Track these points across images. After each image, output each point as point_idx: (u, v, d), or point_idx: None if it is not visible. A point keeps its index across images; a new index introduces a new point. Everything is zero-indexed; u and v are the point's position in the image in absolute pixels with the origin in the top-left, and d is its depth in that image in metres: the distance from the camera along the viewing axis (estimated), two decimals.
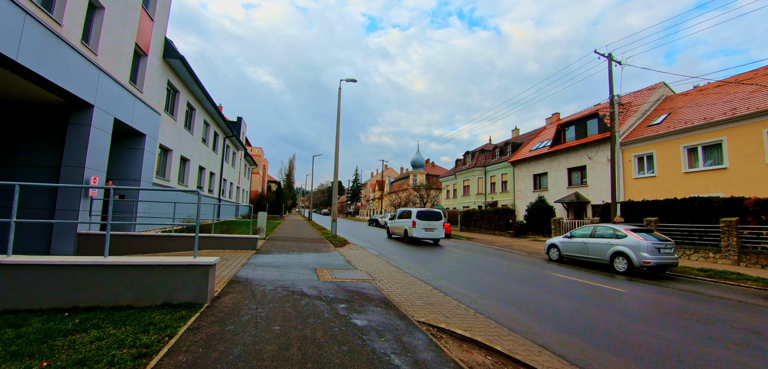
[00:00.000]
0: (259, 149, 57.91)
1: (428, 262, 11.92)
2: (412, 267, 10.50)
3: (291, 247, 12.70)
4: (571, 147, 28.80)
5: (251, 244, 10.93)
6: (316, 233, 20.89)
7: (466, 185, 43.91)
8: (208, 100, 20.57)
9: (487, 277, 9.71)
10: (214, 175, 25.98)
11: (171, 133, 16.90)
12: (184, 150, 18.78)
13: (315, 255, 10.90)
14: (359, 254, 12.31)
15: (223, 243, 10.72)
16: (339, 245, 14.46)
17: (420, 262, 11.78)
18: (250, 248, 10.88)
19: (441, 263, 11.90)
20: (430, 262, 11.96)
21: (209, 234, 10.71)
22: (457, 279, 9.08)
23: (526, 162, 34.26)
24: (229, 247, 10.74)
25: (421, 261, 12.19)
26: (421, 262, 11.76)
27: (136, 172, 13.79)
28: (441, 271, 10.11)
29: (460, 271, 10.32)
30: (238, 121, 35.78)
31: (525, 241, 23.24)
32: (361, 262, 10.38)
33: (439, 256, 13.94)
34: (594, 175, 26.88)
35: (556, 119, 39.05)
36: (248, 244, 10.91)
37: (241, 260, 8.84)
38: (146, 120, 13.99)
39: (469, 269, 10.89)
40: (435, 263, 11.82)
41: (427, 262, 11.87)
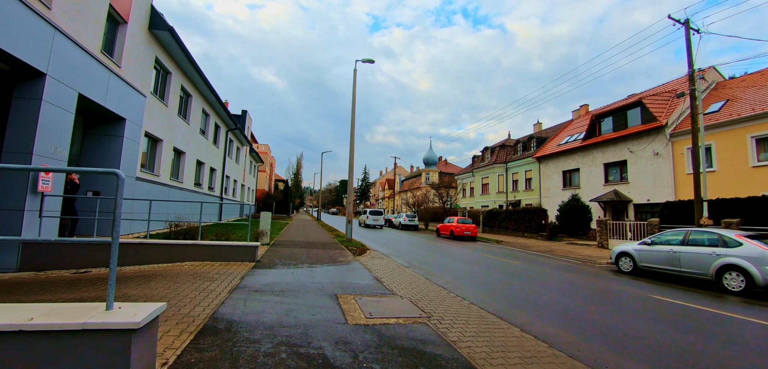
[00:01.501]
0: (265, 146, 55.75)
1: (475, 277, 9.31)
2: (461, 286, 7.89)
3: (300, 256, 10.19)
4: (609, 140, 25.91)
5: (249, 254, 8.44)
6: (328, 236, 18.39)
7: (485, 183, 41.10)
8: (206, 85, 18.19)
9: (566, 301, 7.07)
10: (216, 171, 23.67)
11: (160, 120, 14.53)
12: (177, 141, 16.41)
13: (331, 268, 8.37)
14: (386, 265, 9.75)
15: (212, 253, 8.24)
16: (358, 253, 11.92)
17: (465, 277, 9.17)
18: (247, 259, 8.39)
19: (491, 278, 9.27)
20: (478, 277, 9.34)
21: (194, 241, 8.24)
22: (531, 306, 6.48)
23: (554, 157, 31.40)
24: (219, 257, 8.26)
25: (465, 275, 9.59)
26: (467, 278, 9.15)
27: (112, 163, 11.41)
28: (501, 292, 7.50)
29: (525, 292, 7.70)
30: (242, 114, 33.48)
31: (564, 245, 20.47)
32: (394, 278, 7.82)
33: (481, 266, 11.33)
34: (636, 171, 23.99)
35: (584, 111, 36.10)
36: (245, 254, 8.42)
37: (230, 281, 6.33)
38: (126, 101, 11.61)
39: (532, 287, 8.25)
40: (484, 278, 9.21)
41: (474, 278, 9.26)
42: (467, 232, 22.47)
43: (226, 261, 8.24)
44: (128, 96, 11.75)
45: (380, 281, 7.24)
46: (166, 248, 8.05)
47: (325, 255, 10.68)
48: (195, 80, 17.53)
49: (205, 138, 20.74)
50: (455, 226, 22.67)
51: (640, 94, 27.10)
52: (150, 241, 8.00)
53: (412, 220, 33.25)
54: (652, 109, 23.81)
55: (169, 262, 7.94)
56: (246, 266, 7.86)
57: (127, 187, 11.99)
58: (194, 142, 18.73)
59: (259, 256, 9.31)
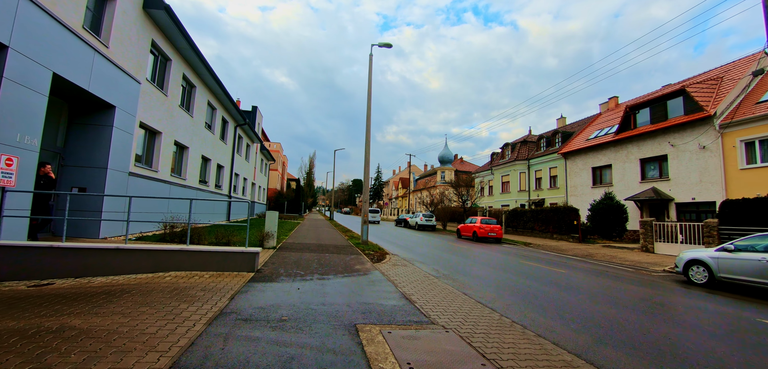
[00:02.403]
0: (277, 145, 54.77)
1: (524, 292, 7.60)
2: (512, 306, 6.22)
3: (310, 262, 8.65)
4: (646, 133, 23.71)
5: (247, 263, 6.95)
6: (341, 238, 16.88)
7: (505, 181, 39.05)
8: (212, 75, 16.91)
9: (658, 328, 5.33)
10: (224, 168, 22.49)
11: (159, 110, 13.25)
12: (180, 134, 15.15)
13: (347, 281, 6.80)
14: (411, 275, 8.15)
15: (203, 261, 6.77)
16: (377, 259, 10.34)
17: (511, 291, 7.48)
18: (245, 268, 6.90)
19: (543, 293, 7.56)
20: (527, 292, 7.64)
21: (182, 247, 6.79)
22: (615, 335, 4.77)
23: (582, 153, 29.24)
24: (212, 266, 6.79)
25: (508, 287, 7.91)
26: (514, 292, 7.46)
27: (101, 156, 10.14)
28: (568, 315, 5.80)
29: (597, 315, 5.98)
30: (252, 110, 32.33)
31: (600, 249, 18.48)
32: (426, 295, 6.21)
33: (523, 276, 9.60)
34: (678, 167, 21.77)
35: (614, 104, 33.76)
36: (243, 263, 6.93)
37: (216, 302, 4.81)
38: (116, 87, 10.32)
39: (599, 307, 6.53)
40: (535, 293, 7.50)
41: (522, 292, 7.55)
42: (492, 234, 20.67)
43: (219, 271, 6.76)
44: (119, 81, 10.46)
45: (410, 300, 5.64)
46: (149, 255, 6.62)
47: (338, 261, 9.14)
48: (199, 70, 16.25)
49: (211, 133, 19.51)
50: (478, 226, 20.90)
51: (681, 82, 24.79)
52: (129, 247, 6.58)
53: (430, 220, 31.54)
54: (697, 97, 21.56)
55: (152, 271, 6.52)
56: (242, 278, 6.36)
57: (118, 183, 10.71)
58: (199, 137, 17.48)
59: (260, 263, 7.82)
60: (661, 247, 16.73)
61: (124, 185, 11.03)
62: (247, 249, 6.93)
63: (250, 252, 6.92)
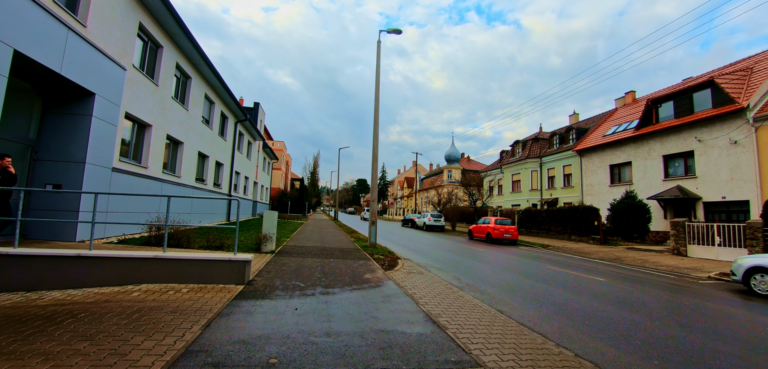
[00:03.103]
0: (281, 143, 53.67)
1: (570, 308, 6.34)
2: (566, 330, 4.96)
3: (311, 271, 7.44)
4: (670, 128, 22.29)
5: (236, 273, 5.73)
6: (347, 240, 15.69)
7: (516, 180, 37.65)
8: (209, 66, 15.79)
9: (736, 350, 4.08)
10: (223, 166, 21.39)
11: (149, 101, 12.13)
12: (173, 128, 14.04)
13: (356, 297, 5.57)
14: (432, 286, 6.91)
15: (181, 271, 5.58)
16: (388, 265, 9.11)
17: (553, 307, 6.23)
18: (233, 280, 5.70)
19: (594, 309, 6.29)
20: (575, 308, 6.37)
21: (155, 254, 5.59)
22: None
23: (599, 150, 27.84)
24: (192, 278, 5.60)
25: (549, 301, 6.65)
26: (558, 308, 6.19)
27: (77, 149, 9.01)
28: (642, 343, 4.55)
29: (679, 345, 4.73)
30: (254, 106, 31.30)
31: (625, 251, 17.12)
32: (457, 316, 4.96)
33: (560, 286, 8.33)
34: (706, 164, 20.35)
35: (631, 99, 32.29)
36: (230, 273, 5.73)
37: (182, 334, 3.58)
38: (96, 71, 9.19)
39: (672, 332, 5.27)
40: (586, 312, 6.23)
41: (569, 310, 6.28)
42: (507, 235, 19.37)
43: (201, 283, 5.57)
44: (99, 65, 9.33)
45: (439, 325, 4.41)
46: (116, 264, 5.45)
47: (345, 269, 7.92)
48: (194, 59, 15.13)
49: (209, 128, 18.40)
50: (492, 227, 19.61)
51: (709, 73, 23.31)
52: (93, 254, 5.41)
53: (438, 221, 30.26)
54: (727, 89, 20.10)
55: (120, 283, 5.36)
56: (228, 293, 5.16)
57: (100, 180, 9.58)
58: (195, 132, 16.37)
59: (253, 273, 6.63)
60: (695, 250, 15.35)
61: (107, 182, 9.91)
62: (235, 257, 5.73)
63: (239, 260, 5.71)
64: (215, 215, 19.89)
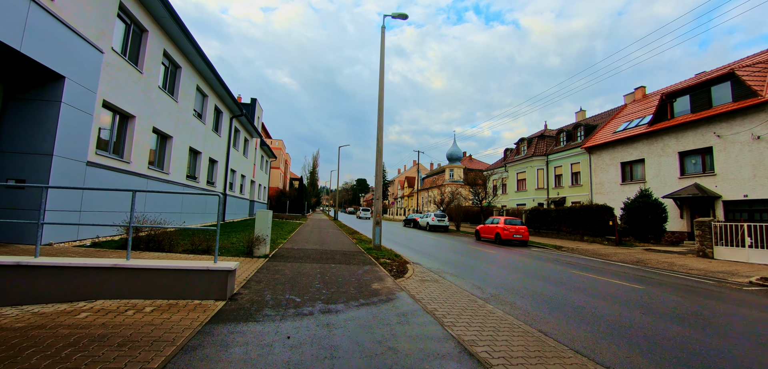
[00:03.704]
0: (279, 142, 52.52)
1: (628, 328, 5.26)
2: (633, 361, 3.91)
3: (310, 279, 6.34)
4: (686, 123, 21.28)
5: (215, 286, 4.57)
6: (349, 241, 14.61)
7: (521, 179, 36.59)
8: (200, 55, 14.71)
9: None
10: (217, 163, 20.29)
11: (132, 90, 11.05)
12: (160, 121, 12.96)
13: (365, 315, 4.46)
14: (451, 297, 5.85)
15: (146, 284, 4.49)
16: (397, 271, 8.03)
17: (605, 326, 5.15)
18: (212, 295, 4.59)
19: (651, 331, 5.22)
20: (630, 328, 5.29)
21: (115, 262, 4.49)
22: None
23: (609, 147, 26.81)
24: (160, 292, 4.50)
25: (599, 319, 5.57)
26: (609, 327, 5.12)
27: (44, 140, 7.94)
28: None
29: None
30: (251, 102, 30.18)
31: (644, 252, 16.06)
32: (495, 341, 3.86)
33: (602, 299, 7.23)
34: (726, 160, 19.33)
35: (641, 95, 31.23)
36: (209, 286, 4.59)
37: None
38: (66, 52, 8.11)
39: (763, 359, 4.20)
40: (643, 331, 5.15)
41: (623, 328, 5.19)
42: (517, 236, 18.31)
43: (171, 298, 4.49)
44: (70, 45, 8.25)
45: (480, 359, 3.32)
46: (67, 275, 4.37)
47: (349, 277, 6.84)
48: (184, 46, 14.05)
49: (201, 122, 17.32)
50: (502, 227, 18.53)
51: (728, 66, 22.26)
52: (37, 262, 4.33)
53: (442, 220, 29.18)
54: (749, 82, 19.06)
55: (71, 299, 4.28)
56: (201, 314, 4.07)
57: (71, 175, 8.50)
58: (186, 126, 15.28)
59: (240, 282, 5.54)
60: (722, 252, 14.29)
61: (80, 177, 8.82)
62: (215, 266, 4.64)
63: (221, 270, 4.62)
64: (208, 215, 18.81)
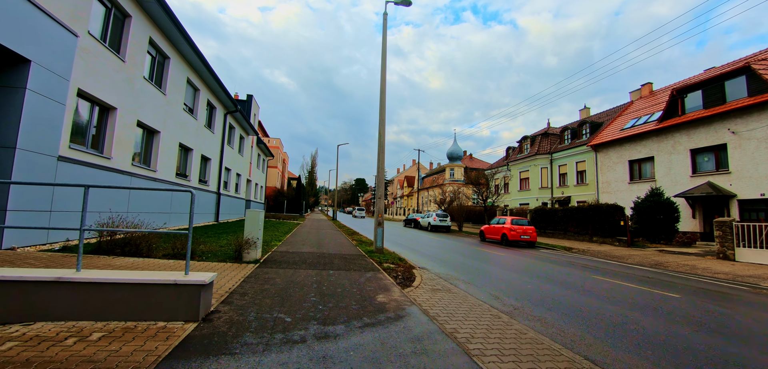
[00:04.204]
0: (277, 140, 51.53)
1: (697, 353, 4.43)
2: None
3: (305, 291, 5.44)
4: (698, 119, 20.49)
5: (185, 304, 3.59)
6: (348, 243, 13.74)
7: (524, 178, 35.77)
8: (190, 45, 13.82)
9: None
10: (210, 160, 19.38)
11: (113, 79, 10.15)
12: (145, 114, 12.06)
13: (371, 341, 3.52)
14: (469, 312, 4.99)
15: (101, 301, 3.61)
16: (402, 277, 7.16)
17: (661, 352, 4.30)
18: (180, 316, 3.67)
19: (720, 360, 4.38)
20: (698, 352, 4.46)
21: (59, 274, 3.61)
22: None
23: (616, 145, 26.02)
24: (114, 312, 3.56)
25: (649, 341, 4.72)
26: (668, 353, 4.28)
27: (7, 131, 7.04)
28: None
29: None
30: (247, 99, 29.28)
31: (659, 254, 15.23)
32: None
33: (642, 312, 6.34)
34: (742, 158, 18.55)
35: (648, 91, 30.47)
36: (176, 304, 3.64)
37: None
38: (32, 33, 7.22)
39: None
40: (710, 358, 4.32)
41: (681, 355, 4.38)
42: (525, 237, 17.47)
43: (128, 320, 3.60)
44: (36, 26, 7.35)
45: None
46: (3, 290, 3.47)
47: (350, 287, 5.96)
48: (172, 35, 13.15)
49: (193, 117, 16.40)
50: (509, 228, 17.68)
51: (744, 59, 21.45)
52: None
53: (444, 221, 28.33)
54: (767, 76, 18.25)
55: (2, 321, 3.38)
56: (162, 344, 3.17)
57: (40, 170, 7.61)
58: (175, 120, 14.38)
59: (219, 298, 4.65)
60: (745, 254, 13.47)
61: (51, 173, 7.92)
62: (185, 279, 3.74)
63: (192, 284, 3.73)
64: (200, 215, 17.89)
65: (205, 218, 18.62)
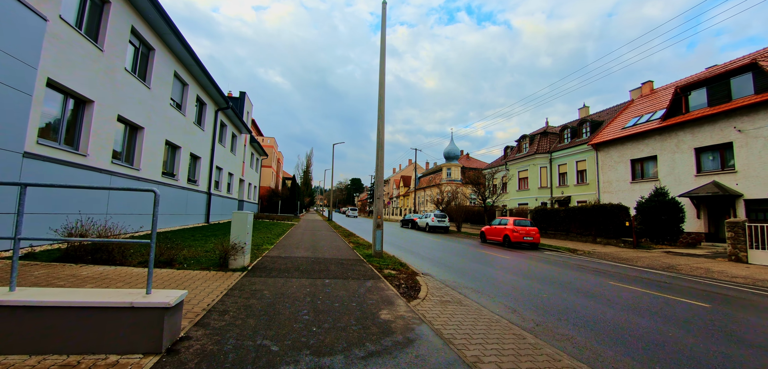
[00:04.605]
0: (271, 139, 50.53)
1: None
2: None
3: (296, 310, 4.50)
4: (703, 117, 20.03)
5: (144, 333, 2.97)
6: (345, 246, 13.01)
7: (523, 177, 35.24)
8: (177, 37, 13.00)
9: None
10: (201, 159, 18.54)
11: (89, 70, 9.34)
12: (127, 109, 11.25)
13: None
14: (490, 333, 4.30)
15: (42, 331, 2.88)
16: (406, 287, 6.46)
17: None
18: (139, 347, 2.93)
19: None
20: None
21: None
22: None
23: (618, 143, 25.54)
24: (52, 344, 2.87)
25: None
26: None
27: None
28: None
29: None
30: (240, 96, 28.40)
31: (672, 257, 14.67)
32: None
33: (684, 330, 5.71)
34: (748, 156, 18.10)
35: (648, 89, 30.05)
36: (133, 333, 2.94)
37: None
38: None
39: None
40: None
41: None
42: (527, 238, 16.85)
43: (73, 354, 2.85)
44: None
45: None
46: None
47: (348, 299, 5.24)
48: (157, 25, 12.34)
49: (181, 113, 15.57)
50: (511, 229, 17.05)
51: (750, 55, 21.02)
52: None
53: (442, 221, 27.69)
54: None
55: None
56: None
57: (3, 167, 6.79)
58: (161, 116, 13.56)
59: (190, 319, 3.89)
60: (758, 256, 12.95)
61: (15, 171, 7.11)
62: (144, 301, 2.99)
63: (153, 307, 2.98)
64: (190, 216, 17.07)
65: (195, 219, 17.79)
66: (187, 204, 16.76)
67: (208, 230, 15.03)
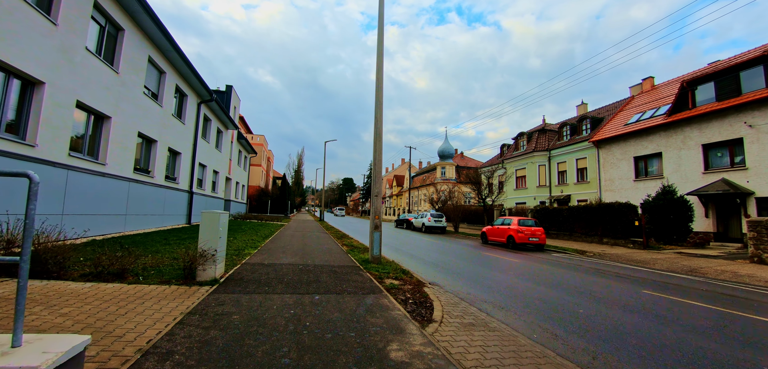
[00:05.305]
0: (261, 137, 48.84)
1: None
2: None
3: (273, 343, 3.28)
4: (711, 113, 19.27)
5: None
6: (338, 250, 11.76)
7: (521, 176, 34.34)
8: (150, 16, 11.61)
9: None
10: (181, 155, 17.08)
11: (40, 47, 7.95)
12: (89, 95, 9.84)
13: None
14: None
15: None
16: (414, 303, 5.25)
17: None
18: None
19: None
20: None
21: None
22: None
23: (620, 140, 24.74)
24: None
25: None
26: None
27: None
28: None
29: None
30: (226, 89, 26.89)
31: (686, 258, 13.70)
32: None
33: (746, 347, 4.63)
34: (759, 152, 17.36)
35: (649, 85, 29.37)
36: None
37: None
38: None
39: None
40: None
41: None
42: (533, 239, 15.79)
43: None
44: None
45: None
46: None
47: (344, 326, 4.01)
48: (126, 2, 10.93)
49: (157, 103, 14.14)
50: (516, 230, 15.97)
51: (761, 48, 20.26)
52: None
53: (439, 221, 26.57)
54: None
55: None
56: None
57: None
58: (132, 105, 12.14)
59: (130, 356, 2.63)
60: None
61: None
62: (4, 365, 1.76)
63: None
64: (169, 217, 15.63)
65: (174, 220, 16.35)
66: (165, 203, 15.32)
67: (186, 232, 13.63)
